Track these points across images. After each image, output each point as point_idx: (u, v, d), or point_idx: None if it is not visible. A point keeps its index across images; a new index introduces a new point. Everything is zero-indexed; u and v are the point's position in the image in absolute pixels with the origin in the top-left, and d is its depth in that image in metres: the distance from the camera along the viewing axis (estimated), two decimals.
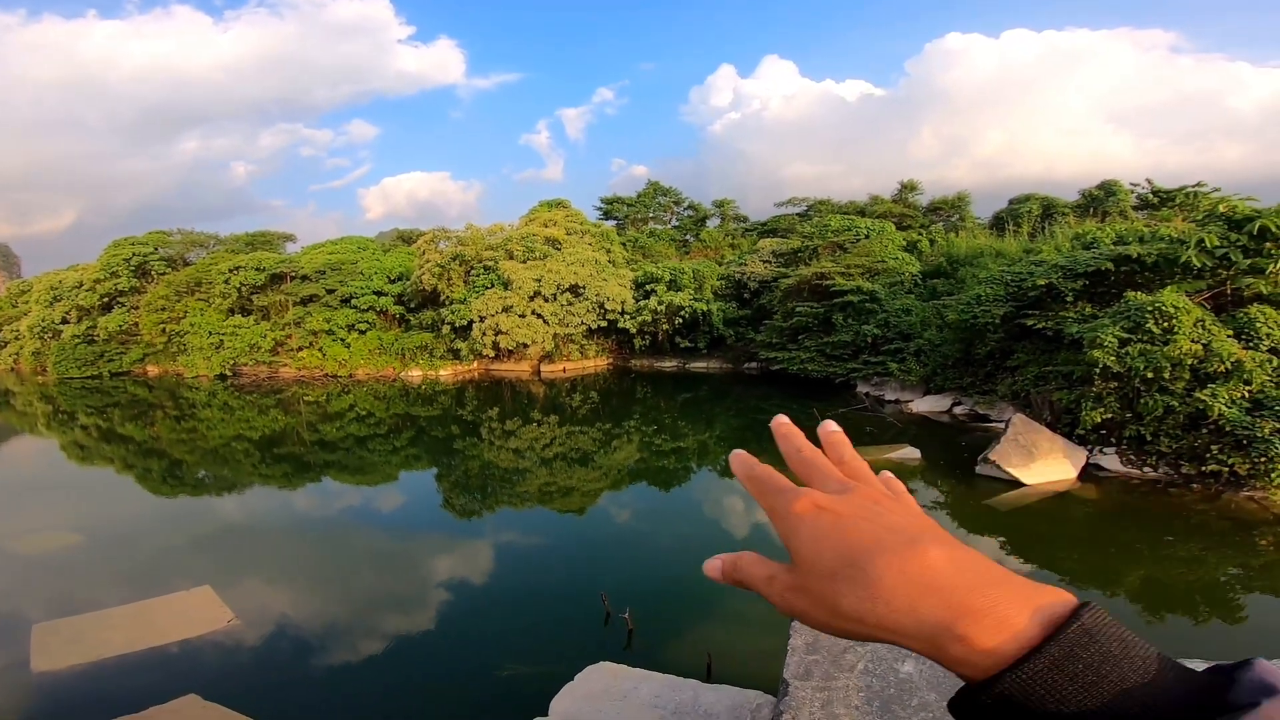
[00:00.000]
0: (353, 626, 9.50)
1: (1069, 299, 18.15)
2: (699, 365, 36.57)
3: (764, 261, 37.51)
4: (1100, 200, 41.03)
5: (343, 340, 41.75)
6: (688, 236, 59.17)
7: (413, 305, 42.86)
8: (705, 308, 35.48)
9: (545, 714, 6.67)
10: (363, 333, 42.09)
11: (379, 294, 42.28)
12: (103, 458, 23.66)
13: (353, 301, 42.13)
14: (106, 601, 10.04)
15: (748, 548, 0.74)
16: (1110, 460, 15.07)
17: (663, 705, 6.45)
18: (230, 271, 44.45)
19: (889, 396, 24.64)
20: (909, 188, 51.43)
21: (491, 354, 37.54)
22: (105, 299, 50.63)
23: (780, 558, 0.69)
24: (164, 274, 50.56)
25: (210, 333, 44.20)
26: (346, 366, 40.66)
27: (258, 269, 44.07)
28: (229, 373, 43.19)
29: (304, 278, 43.90)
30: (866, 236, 33.56)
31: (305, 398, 33.28)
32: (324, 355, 41.47)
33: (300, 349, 42.61)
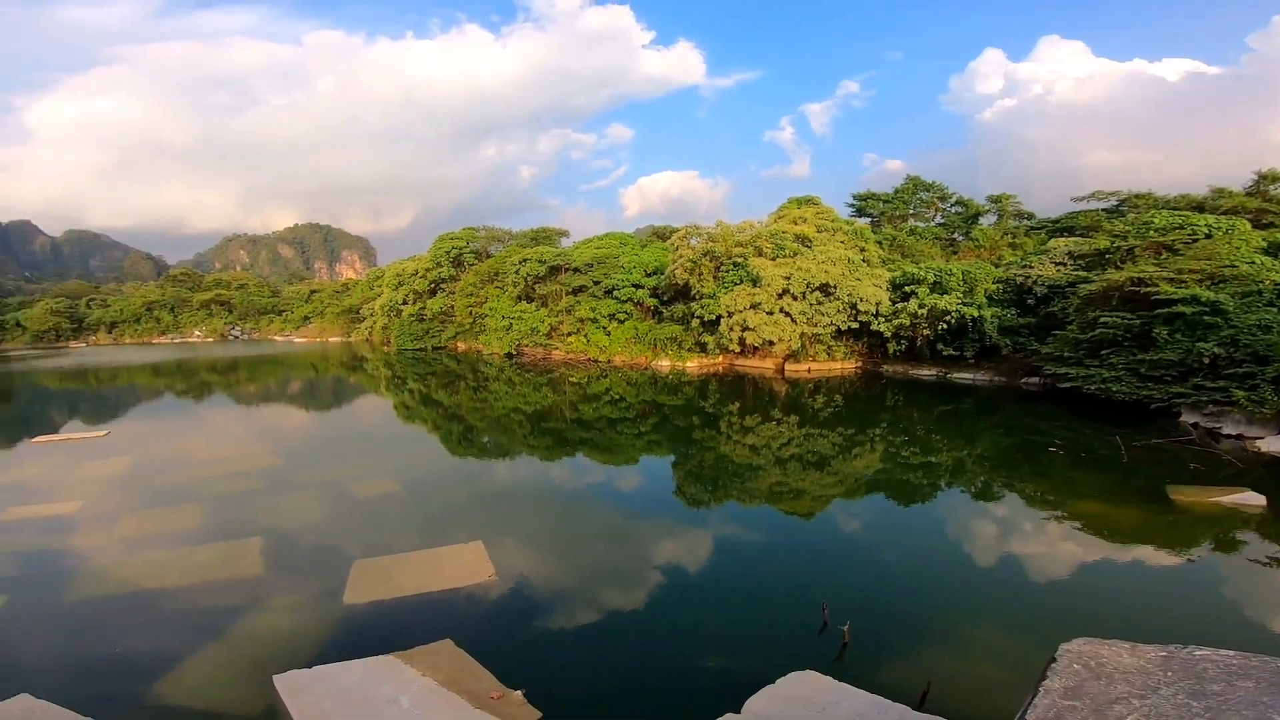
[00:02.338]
0: (581, 595, 10.35)
1: None
2: (963, 376, 32.69)
3: (1056, 263, 32.16)
4: None
5: (604, 328, 45.86)
6: (955, 235, 53.26)
7: (665, 298, 45.28)
8: (976, 313, 31.55)
9: (738, 711, 6.55)
10: (621, 322, 45.72)
11: (636, 286, 45.44)
12: (420, 418, 29.22)
13: (614, 293, 45.94)
14: (405, 546, 12.15)
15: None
16: None
17: None
18: (520, 263, 51.68)
19: (1228, 430, 19.39)
20: (1269, 178, 39.65)
21: (737, 349, 38.00)
22: (432, 285, 62.68)
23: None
24: (472, 264, 60.78)
25: (503, 316, 51.94)
26: (606, 353, 44.55)
27: (540, 261, 50.51)
28: (514, 352, 50.34)
29: (575, 270, 49.11)
30: (1207, 236, 27.10)
31: (570, 379, 37.22)
32: (588, 341, 46.00)
33: (569, 334, 47.88)
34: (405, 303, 64.78)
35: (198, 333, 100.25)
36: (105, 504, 15.09)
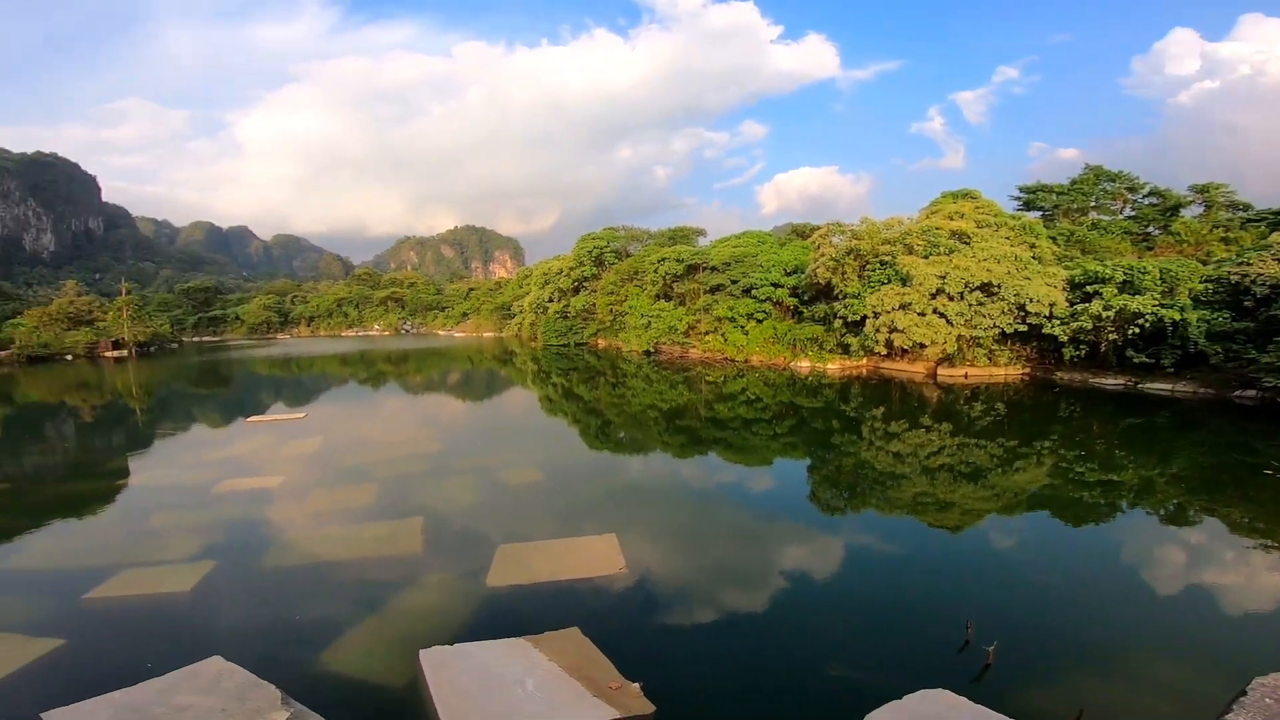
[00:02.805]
0: (707, 594, 10.26)
1: None
2: (1159, 386, 28.48)
3: None
4: None
5: (742, 328, 45.27)
6: (1150, 229, 46.75)
7: (806, 298, 43.80)
8: (1177, 316, 27.38)
9: None
10: (759, 321, 44.88)
11: (775, 285, 44.37)
12: (562, 411, 30.62)
13: (752, 292, 45.19)
14: (544, 533, 12.77)
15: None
16: None
17: None
18: (658, 262, 52.42)
19: None
20: None
21: (883, 351, 35.89)
22: (575, 284, 65.42)
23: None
24: (613, 264, 62.60)
25: (641, 314, 52.96)
26: (743, 352, 43.98)
27: (678, 260, 50.89)
28: (652, 349, 51.19)
29: (712, 269, 48.94)
30: None
31: (706, 377, 37.19)
32: (725, 340, 45.66)
33: (707, 333, 47.80)
34: (551, 300, 68.24)
35: (377, 326, 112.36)
36: (300, 480, 17.36)
